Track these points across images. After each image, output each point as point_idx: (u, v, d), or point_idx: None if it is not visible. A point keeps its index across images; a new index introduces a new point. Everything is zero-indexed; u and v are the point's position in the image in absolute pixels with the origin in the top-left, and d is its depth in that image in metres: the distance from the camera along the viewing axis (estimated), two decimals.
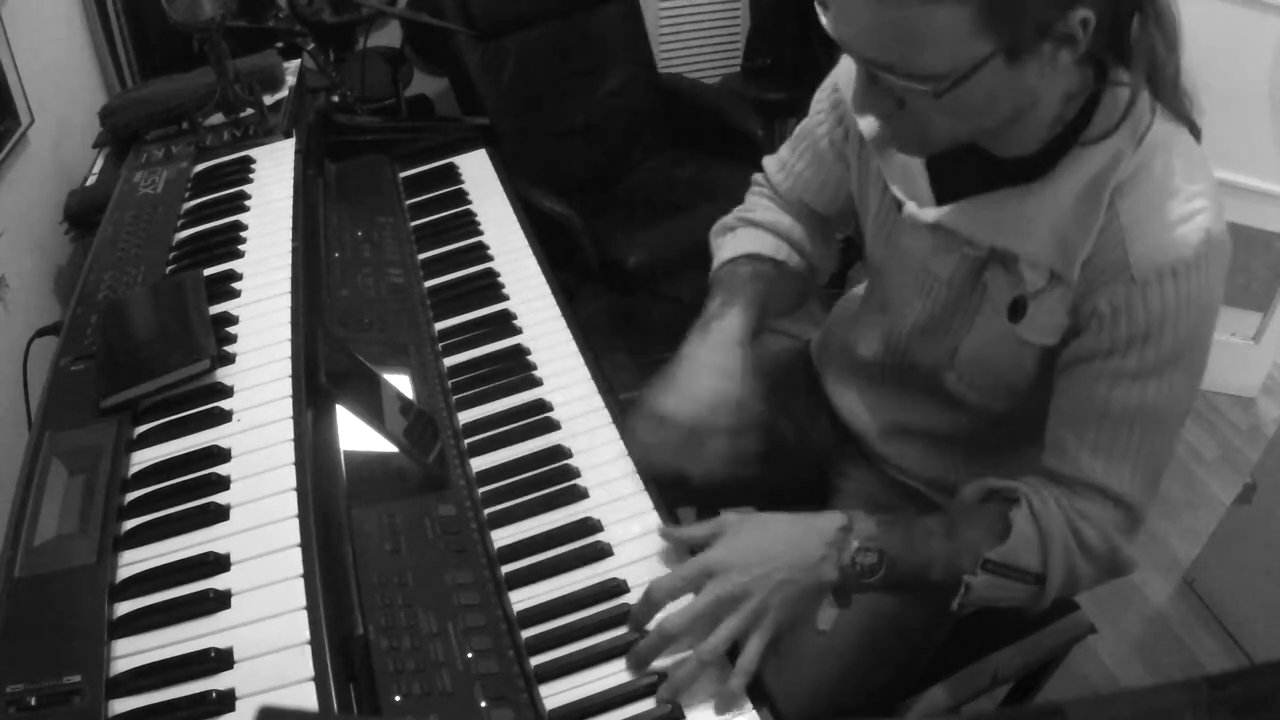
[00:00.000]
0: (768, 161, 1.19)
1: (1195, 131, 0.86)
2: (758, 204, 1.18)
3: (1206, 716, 0.47)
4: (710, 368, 1.00)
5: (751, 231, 1.15)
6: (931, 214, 0.92)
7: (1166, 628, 1.89)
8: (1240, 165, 2.12)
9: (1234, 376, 2.42)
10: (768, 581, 0.82)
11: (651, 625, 0.83)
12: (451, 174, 1.56)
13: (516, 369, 1.15)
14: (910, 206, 0.95)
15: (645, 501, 0.99)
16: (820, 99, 1.09)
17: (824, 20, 0.79)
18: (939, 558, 0.88)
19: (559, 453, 1.03)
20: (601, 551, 0.93)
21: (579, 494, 0.99)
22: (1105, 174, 0.82)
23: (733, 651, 0.82)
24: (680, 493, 1.22)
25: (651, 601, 0.83)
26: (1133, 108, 0.80)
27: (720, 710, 0.80)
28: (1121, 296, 0.82)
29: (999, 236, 0.88)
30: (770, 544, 0.85)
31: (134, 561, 0.85)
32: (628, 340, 1.10)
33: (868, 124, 0.95)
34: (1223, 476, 2.20)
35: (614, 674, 0.83)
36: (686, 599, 0.84)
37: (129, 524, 0.88)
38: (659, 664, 0.82)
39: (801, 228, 1.15)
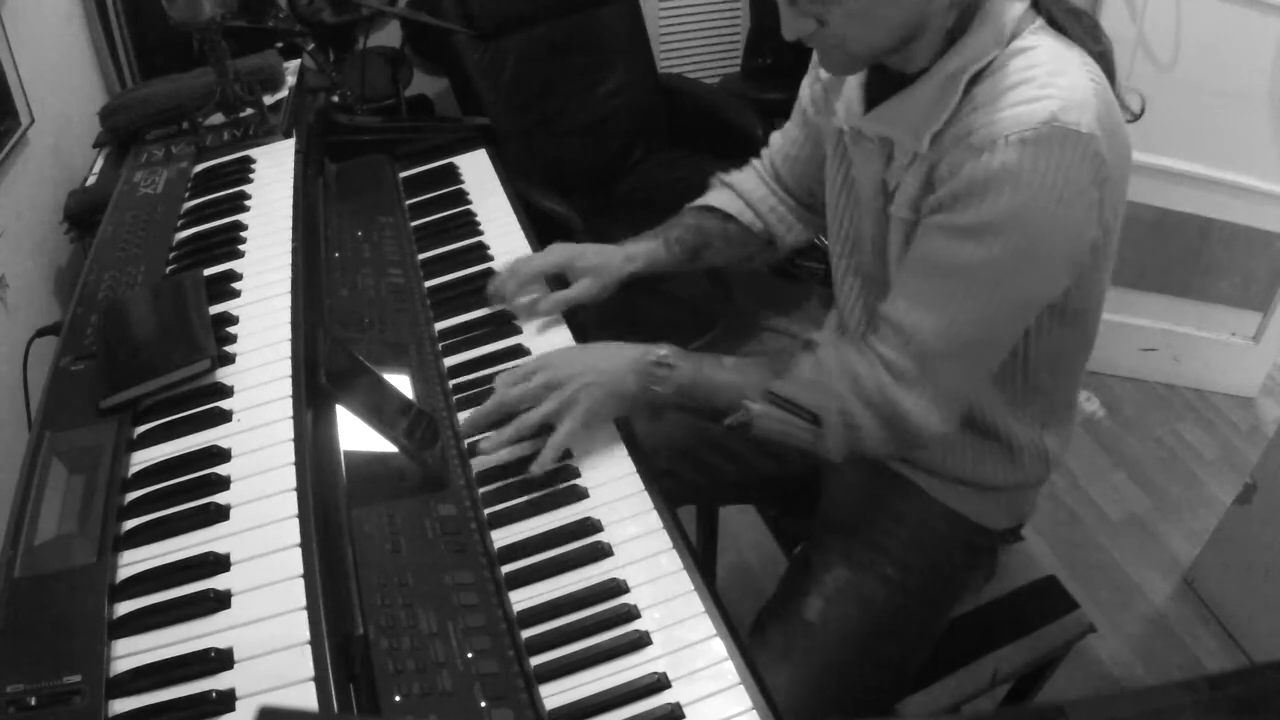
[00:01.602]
0: (773, 134, 1.32)
1: (1105, 65, 0.92)
2: (744, 170, 1.33)
3: (1206, 716, 0.47)
4: (599, 250, 1.25)
5: (719, 190, 1.32)
6: (848, 121, 1.03)
7: (1166, 628, 1.89)
8: (1240, 165, 2.12)
9: (1234, 376, 2.42)
10: (581, 379, 1.02)
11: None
12: (451, 174, 1.56)
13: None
14: (839, 118, 1.05)
15: (645, 501, 0.99)
16: (807, 76, 1.20)
17: None
18: (727, 385, 1.01)
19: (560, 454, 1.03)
20: (601, 551, 0.93)
21: (579, 494, 0.99)
22: (967, 65, 0.90)
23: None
24: (681, 491, 1.23)
25: (499, 385, 1.04)
26: (984, 5, 0.89)
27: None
28: (959, 160, 0.88)
29: (883, 127, 0.98)
30: (590, 356, 1.06)
31: (134, 561, 0.85)
32: (628, 340, 1.12)
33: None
34: (1223, 476, 2.20)
35: (614, 674, 0.84)
36: None
37: (129, 524, 0.88)
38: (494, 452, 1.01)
39: (771, 197, 1.29)
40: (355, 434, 0.99)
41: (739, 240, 1.30)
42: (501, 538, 0.95)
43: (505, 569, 0.92)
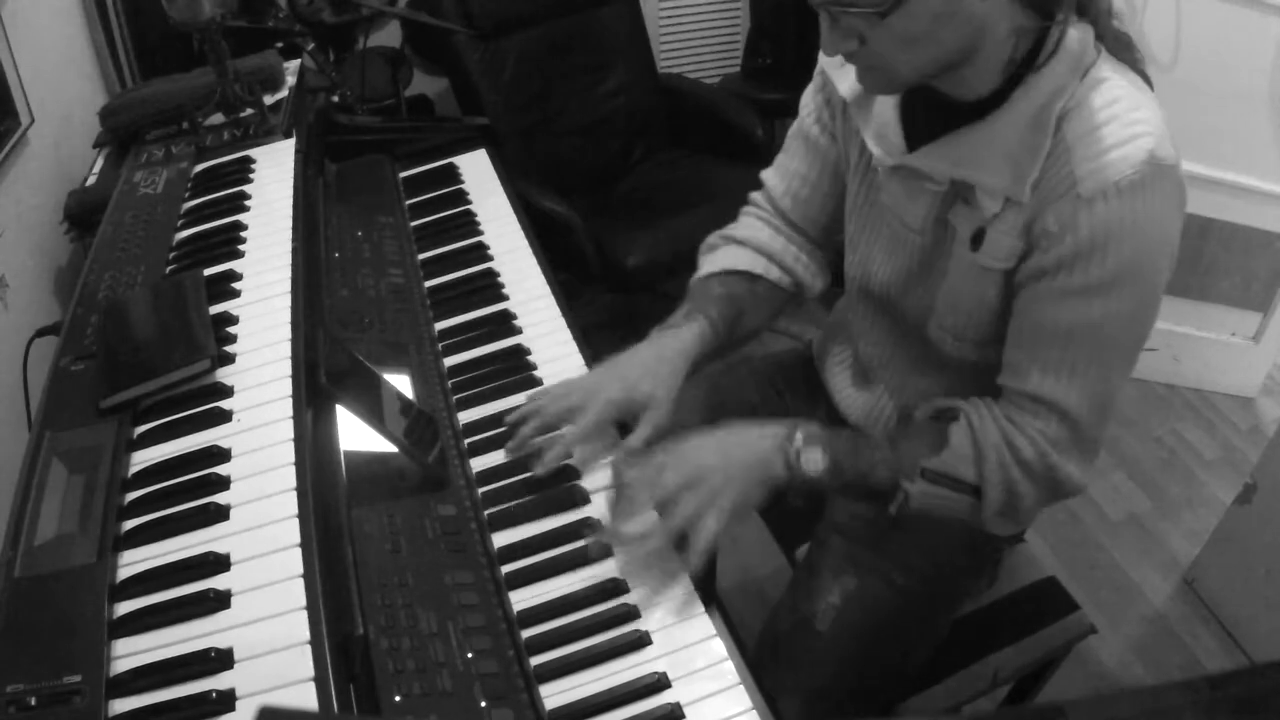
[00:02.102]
0: (765, 173, 1.20)
1: (1147, 81, 0.91)
2: (744, 222, 1.21)
3: (1206, 716, 0.47)
4: (642, 362, 1.06)
5: (731, 248, 1.18)
6: (898, 158, 0.97)
7: (1166, 628, 1.89)
8: (1240, 165, 2.12)
9: (1234, 376, 2.42)
10: (722, 472, 0.92)
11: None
12: (451, 174, 1.56)
13: (516, 369, 1.15)
14: (879, 154, 0.99)
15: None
16: (807, 95, 1.13)
17: None
18: (880, 464, 0.95)
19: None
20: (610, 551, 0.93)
21: (579, 495, 0.99)
22: (1051, 102, 0.86)
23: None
24: None
25: (624, 485, 0.94)
26: (1064, 37, 0.85)
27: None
28: (1068, 213, 0.85)
29: (956, 169, 0.92)
30: (725, 442, 0.96)
31: (134, 561, 0.85)
32: (628, 340, 1.11)
33: (848, 87, 1.02)
34: (1223, 476, 2.20)
35: (614, 674, 0.83)
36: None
37: (129, 524, 0.88)
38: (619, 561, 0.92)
39: (791, 245, 1.18)
40: (355, 434, 0.99)
41: (768, 300, 1.18)
42: (501, 538, 0.95)
43: (505, 569, 0.92)
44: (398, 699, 0.78)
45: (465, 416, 1.09)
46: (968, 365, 1.03)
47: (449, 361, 1.18)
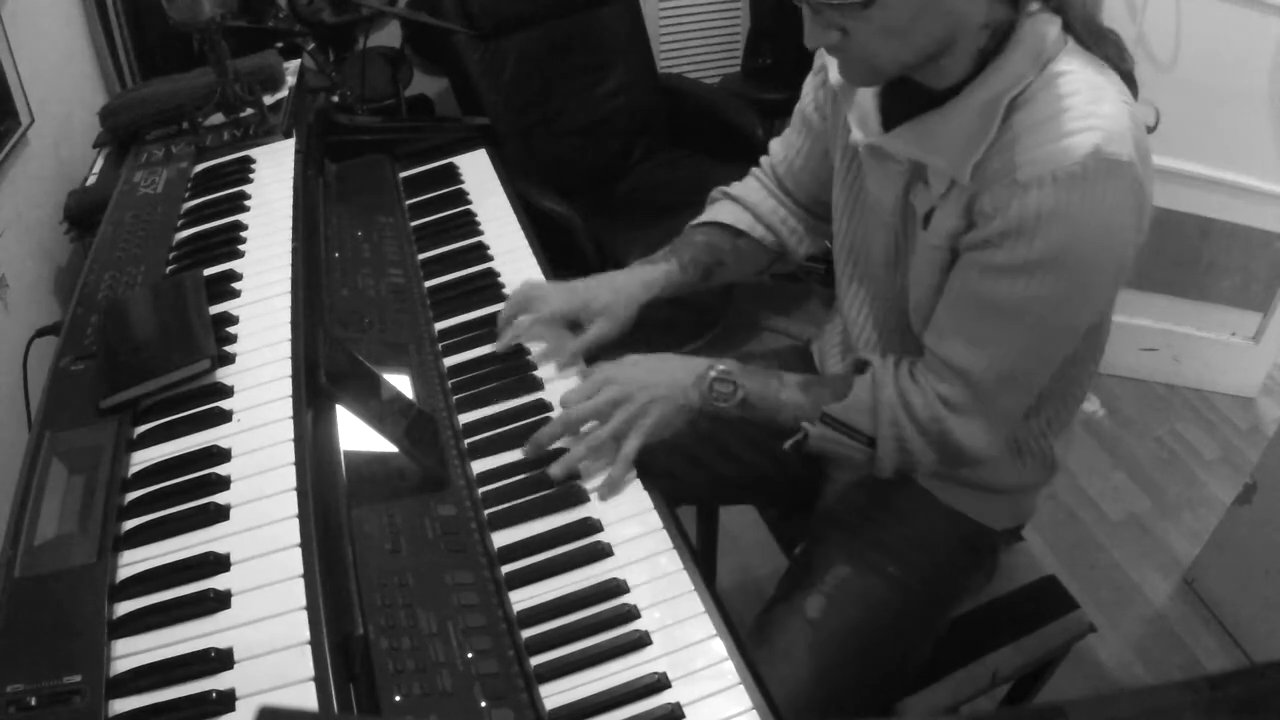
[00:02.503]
0: (772, 141, 1.28)
1: (1130, 83, 0.91)
2: (746, 182, 1.30)
3: (1206, 716, 0.47)
4: (608, 280, 1.21)
5: (725, 204, 1.29)
6: (869, 138, 1.00)
7: (1166, 628, 1.89)
8: (1240, 165, 2.12)
9: (1234, 376, 2.42)
10: (646, 393, 1.03)
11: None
12: (451, 174, 1.56)
13: (516, 369, 1.15)
14: (856, 133, 1.02)
15: (645, 501, 0.99)
16: (808, 79, 1.18)
17: None
18: (788, 405, 1.03)
19: (559, 453, 1.03)
20: (601, 551, 0.93)
21: (579, 494, 0.99)
22: (1004, 91, 0.88)
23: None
24: (680, 490, 1.22)
25: (562, 405, 1.05)
26: (1019, 27, 0.87)
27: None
28: (1003, 197, 0.87)
29: (913, 150, 0.95)
30: (652, 369, 1.06)
31: (134, 561, 0.85)
32: (628, 340, 1.13)
33: (835, 72, 1.03)
34: (1223, 476, 2.20)
35: (614, 674, 0.84)
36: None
37: (129, 524, 0.88)
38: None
39: (780, 208, 1.27)
40: (355, 434, 0.99)
41: (750, 255, 1.27)
42: (501, 538, 0.95)
43: (505, 569, 0.92)
44: (398, 699, 0.78)
45: (465, 417, 1.10)
46: None
47: (449, 361, 1.18)
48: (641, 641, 0.86)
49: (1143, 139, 0.86)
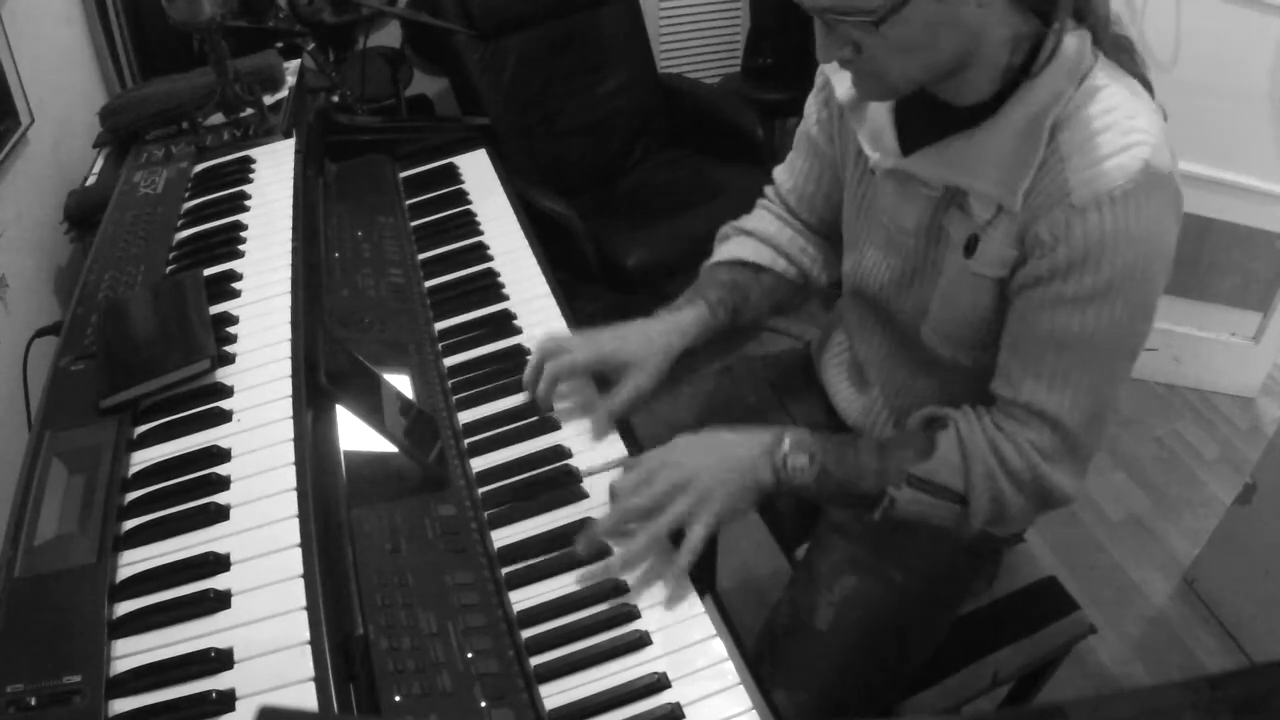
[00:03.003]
0: (776, 170, 1.23)
1: (1147, 86, 0.90)
2: (755, 214, 1.24)
3: (1206, 716, 0.47)
4: (639, 328, 1.11)
5: (740, 239, 1.21)
6: (893, 161, 0.97)
7: (1166, 628, 1.89)
8: (1240, 165, 2.12)
9: (1234, 376, 2.42)
10: (711, 475, 0.93)
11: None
12: (451, 174, 1.56)
13: (516, 369, 1.15)
14: (875, 158, 0.99)
15: None
16: (810, 98, 1.14)
17: None
18: (868, 471, 0.95)
19: (559, 453, 1.04)
20: (601, 552, 0.93)
21: (579, 494, 0.99)
22: (1045, 110, 0.86)
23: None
24: None
25: (615, 496, 0.95)
26: (1059, 44, 0.85)
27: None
28: (1061, 223, 0.84)
29: (950, 175, 0.92)
30: (714, 446, 0.97)
31: (134, 561, 0.85)
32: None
33: (845, 90, 1.02)
34: (1223, 476, 2.20)
35: (614, 674, 0.83)
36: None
37: (129, 524, 0.88)
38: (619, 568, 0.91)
39: (798, 237, 1.21)
40: (355, 434, 0.99)
41: (774, 290, 1.20)
42: (501, 538, 0.95)
43: (505, 569, 0.92)
44: (398, 699, 0.78)
45: (465, 416, 1.09)
46: (961, 369, 1.03)
47: (449, 361, 1.18)
48: (641, 641, 0.86)
49: (1171, 146, 0.86)
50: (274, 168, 1.40)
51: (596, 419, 1.07)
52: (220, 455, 0.94)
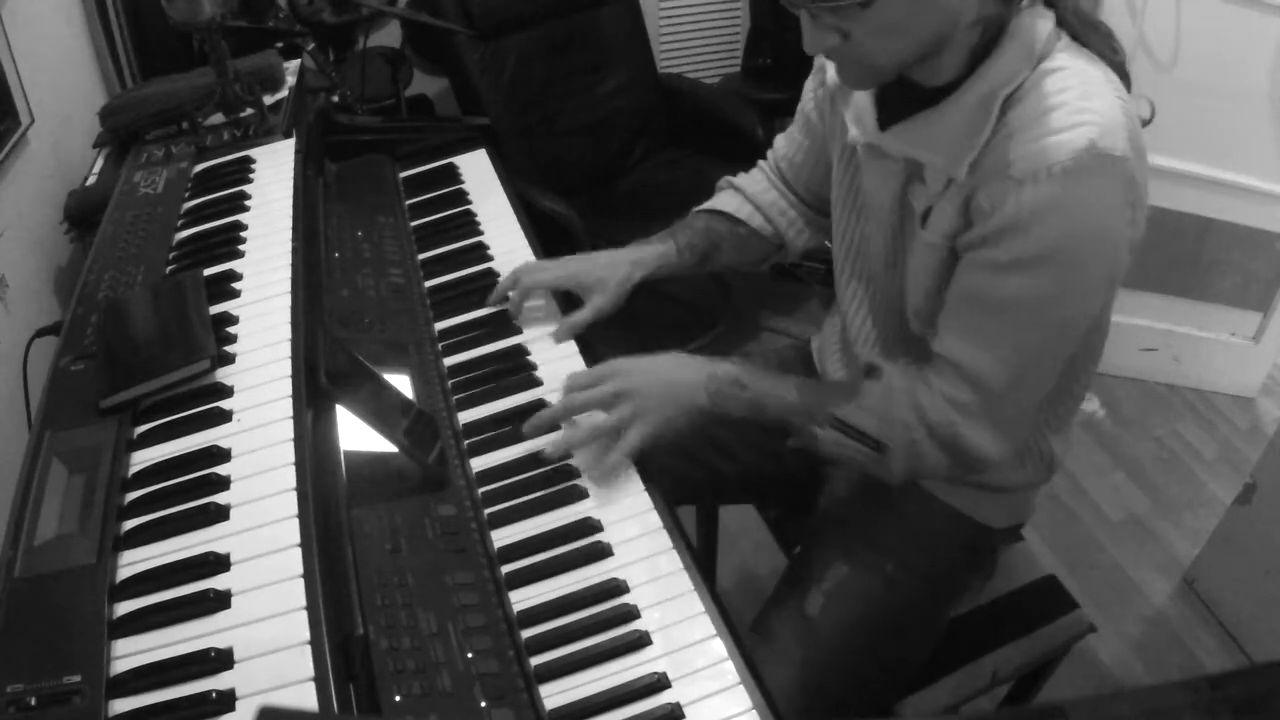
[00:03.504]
0: (777, 137, 1.30)
1: (1123, 75, 0.91)
2: (751, 174, 1.32)
3: (1206, 716, 0.47)
4: (607, 256, 1.24)
5: (727, 193, 1.32)
6: (867, 137, 1.01)
7: (1166, 628, 1.89)
8: (1240, 165, 2.12)
9: (1234, 376, 2.42)
10: (654, 390, 1.03)
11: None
12: (451, 174, 1.56)
13: (516, 369, 1.15)
14: (854, 133, 1.03)
15: (645, 501, 0.99)
16: (809, 79, 1.19)
17: None
18: (797, 407, 1.03)
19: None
20: (601, 551, 0.93)
21: (579, 494, 0.99)
22: (999, 88, 0.88)
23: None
24: (680, 490, 1.23)
25: (567, 390, 1.05)
26: (1015, 24, 0.87)
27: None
28: (999, 192, 0.87)
29: (911, 149, 0.96)
30: (662, 367, 1.06)
31: (134, 561, 0.85)
32: (628, 340, 1.13)
33: (834, 73, 1.03)
34: (1223, 476, 2.20)
35: (614, 674, 0.83)
36: None
37: (129, 524, 0.88)
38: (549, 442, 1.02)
39: (781, 200, 1.29)
40: (355, 434, 0.99)
41: (748, 244, 1.29)
42: (501, 538, 0.95)
43: (505, 569, 0.92)
44: (398, 699, 0.78)
45: (465, 416, 1.10)
46: None
47: (449, 361, 1.18)
48: (641, 641, 0.86)
49: (1137, 133, 0.87)
50: (274, 168, 1.40)
51: (557, 331, 1.19)
52: (220, 455, 0.94)
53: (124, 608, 0.81)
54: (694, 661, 0.84)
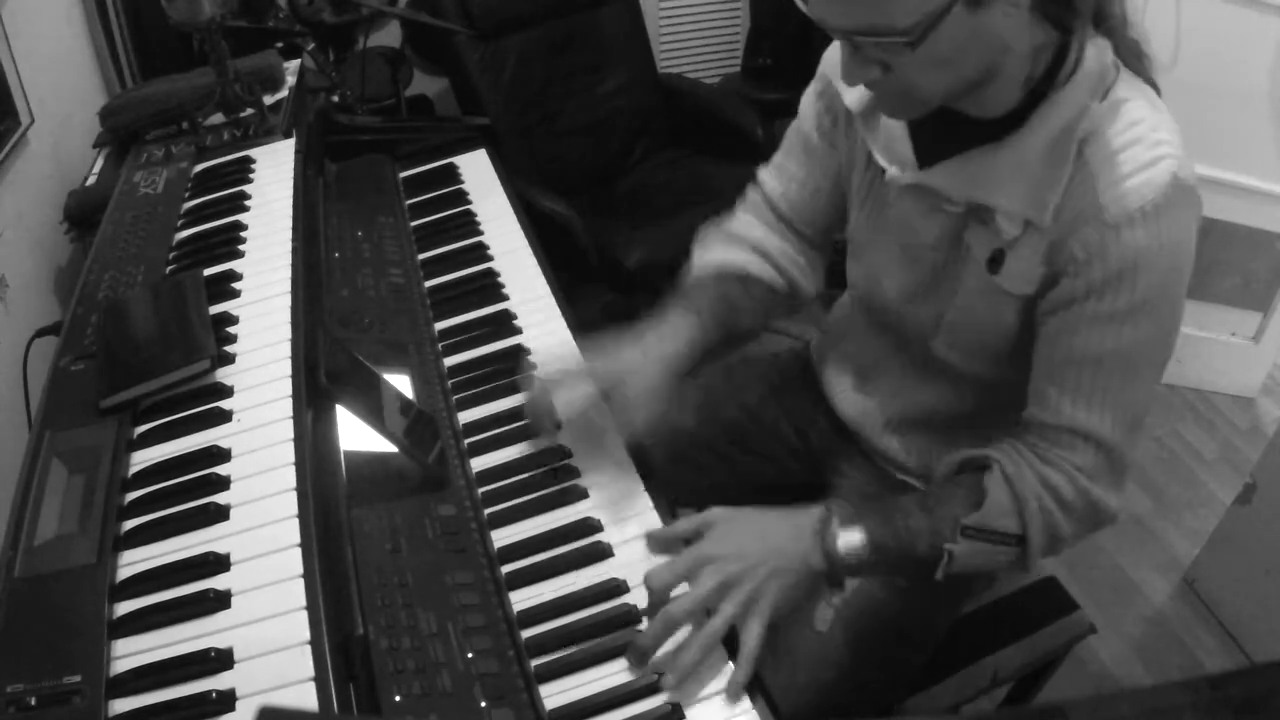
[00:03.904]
0: (762, 172, 1.19)
1: (1155, 90, 0.90)
2: (741, 218, 1.18)
3: (1206, 716, 0.47)
4: (621, 370, 1.01)
5: (728, 246, 1.16)
6: (913, 176, 0.95)
7: (1166, 628, 1.89)
8: (1240, 165, 2.12)
9: (1234, 376, 2.42)
10: (761, 568, 0.86)
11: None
12: (451, 174, 1.56)
13: (516, 369, 1.15)
14: (893, 171, 0.97)
15: (645, 501, 0.99)
16: (807, 99, 1.11)
17: (802, 6, 0.84)
18: (921, 533, 0.90)
19: (558, 452, 1.04)
20: (601, 551, 0.93)
21: (579, 494, 0.99)
22: (1072, 124, 0.85)
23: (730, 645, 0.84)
24: (681, 494, 1.22)
25: (652, 596, 0.86)
26: (1082, 56, 0.84)
27: (727, 701, 0.82)
28: (1095, 240, 0.84)
29: (975, 191, 0.91)
30: (759, 534, 0.89)
31: (134, 561, 0.85)
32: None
33: (855, 98, 1.00)
34: (1223, 476, 2.20)
35: (614, 674, 0.83)
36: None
37: (129, 524, 0.88)
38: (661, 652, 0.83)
39: (785, 245, 1.16)
40: (355, 434, 0.99)
41: (763, 301, 1.15)
42: (501, 538, 0.95)
43: (505, 569, 0.92)
44: (398, 699, 0.78)
45: (465, 416, 1.09)
46: (969, 377, 1.02)
47: (449, 361, 1.18)
48: None
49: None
50: (274, 168, 1.40)
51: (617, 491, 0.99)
52: (220, 455, 0.94)
53: (124, 608, 0.81)
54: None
